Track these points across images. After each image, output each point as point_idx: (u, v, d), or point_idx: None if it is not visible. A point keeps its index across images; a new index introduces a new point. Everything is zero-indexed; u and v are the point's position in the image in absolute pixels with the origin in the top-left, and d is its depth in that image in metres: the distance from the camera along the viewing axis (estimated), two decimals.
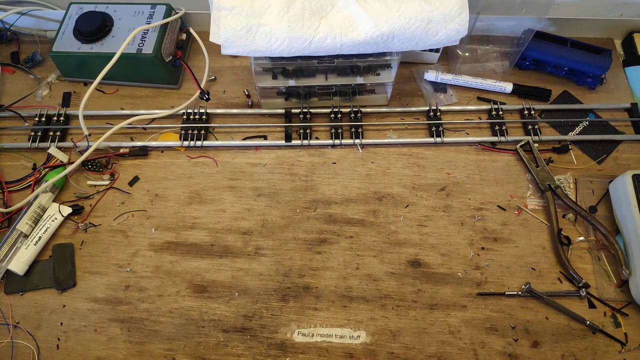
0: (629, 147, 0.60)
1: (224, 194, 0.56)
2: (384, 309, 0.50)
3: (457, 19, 0.49)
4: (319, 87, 0.59)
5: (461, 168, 0.58)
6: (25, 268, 0.51)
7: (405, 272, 0.52)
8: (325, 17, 0.49)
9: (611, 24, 0.67)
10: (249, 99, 0.63)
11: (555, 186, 0.55)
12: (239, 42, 0.49)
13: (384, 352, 0.48)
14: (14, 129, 0.61)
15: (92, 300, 0.50)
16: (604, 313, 0.50)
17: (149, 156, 0.59)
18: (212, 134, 0.61)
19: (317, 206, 0.56)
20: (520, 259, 0.53)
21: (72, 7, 0.62)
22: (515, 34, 0.63)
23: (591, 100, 0.63)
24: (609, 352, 0.48)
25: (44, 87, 0.64)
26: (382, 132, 0.61)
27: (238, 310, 0.50)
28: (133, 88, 0.64)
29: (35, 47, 0.66)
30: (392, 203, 0.56)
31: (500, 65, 0.66)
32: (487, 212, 0.55)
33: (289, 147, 0.60)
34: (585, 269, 0.52)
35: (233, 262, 0.52)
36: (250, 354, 0.48)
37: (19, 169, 0.58)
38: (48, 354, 0.48)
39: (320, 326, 0.49)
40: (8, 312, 0.50)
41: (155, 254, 0.53)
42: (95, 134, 0.58)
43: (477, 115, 0.62)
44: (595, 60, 0.62)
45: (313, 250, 0.53)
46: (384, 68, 0.58)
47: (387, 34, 0.49)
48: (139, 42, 0.58)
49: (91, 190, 0.56)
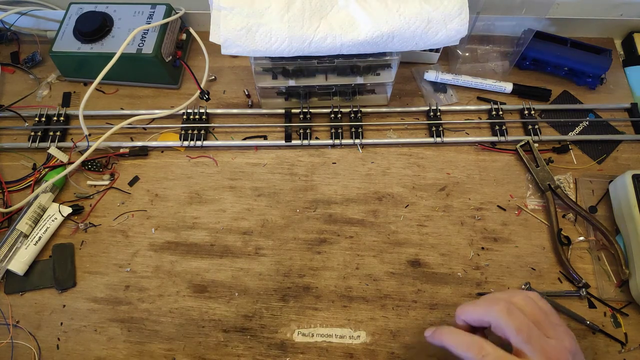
0: (629, 147, 0.60)
1: (224, 194, 0.56)
2: (384, 309, 0.50)
3: (457, 19, 0.49)
4: (319, 87, 0.59)
5: (461, 168, 0.58)
6: (25, 268, 0.51)
7: (405, 272, 0.52)
8: (325, 17, 0.49)
9: (611, 24, 0.67)
10: (249, 99, 0.63)
11: (555, 186, 0.55)
12: (239, 42, 0.49)
13: (384, 352, 0.48)
14: (14, 129, 0.61)
15: (92, 300, 0.50)
16: (604, 313, 0.50)
17: (149, 156, 0.59)
18: (212, 134, 0.61)
19: (317, 206, 0.56)
20: (520, 259, 0.53)
21: (72, 7, 0.62)
22: (515, 34, 0.63)
23: (591, 100, 0.63)
24: (609, 352, 0.48)
25: (44, 87, 0.64)
26: (382, 132, 0.61)
27: (238, 310, 0.50)
28: (133, 88, 0.64)
29: (35, 47, 0.66)
30: (392, 203, 0.56)
31: (500, 65, 0.66)
32: (487, 212, 0.55)
33: (289, 147, 0.60)
34: (585, 269, 0.52)
35: (233, 262, 0.52)
36: (250, 354, 0.48)
37: (19, 169, 0.58)
38: (48, 354, 0.48)
39: (320, 326, 0.49)
40: (8, 312, 0.50)
41: (155, 254, 0.53)
42: (95, 134, 0.58)
43: (477, 115, 0.63)
44: (595, 60, 0.62)
45: (313, 250, 0.53)
46: (384, 68, 0.58)
47: (387, 34, 0.49)
48: (139, 42, 0.58)
49: (91, 190, 0.56)
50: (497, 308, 0.38)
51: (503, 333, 0.37)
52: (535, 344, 0.36)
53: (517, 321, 0.37)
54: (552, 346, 0.37)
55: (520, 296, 0.39)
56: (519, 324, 0.37)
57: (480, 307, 0.40)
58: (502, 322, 0.37)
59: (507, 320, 0.37)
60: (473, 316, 0.40)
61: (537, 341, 0.36)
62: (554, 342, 0.37)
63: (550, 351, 0.36)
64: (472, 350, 0.37)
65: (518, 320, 0.37)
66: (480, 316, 0.39)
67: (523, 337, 0.36)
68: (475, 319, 0.40)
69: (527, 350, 0.36)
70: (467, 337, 0.38)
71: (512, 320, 0.37)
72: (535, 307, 0.39)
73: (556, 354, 0.36)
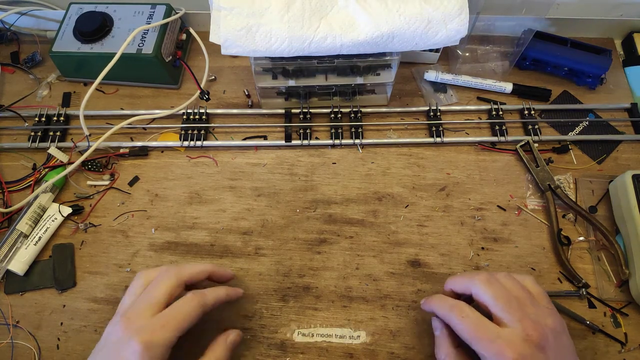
0: (629, 147, 0.60)
1: (224, 194, 0.56)
2: (384, 309, 0.50)
3: (457, 19, 0.49)
4: (319, 87, 0.59)
5: (461, 168, 0.58)
6: (25, 268, 0.51)
7: (405, 272, 0.52)
8: (325, 17, 0.49)
9: (611, 24, 0.67)
10: (249, 99, 0.63)
11: (555, 186, 0.55)
12: (239, 42, 0.49)
13: (384, 352, 0.48)
14: (14, 129, 0.61)
15: (92, 300, 0.50)
16: (604, 313, 0.50)
17: (149, 156, 0.59)
18: (212, 134, 0.61)
19: (317, 206, 0.56)
20: (520, 259, 0.53)
21: (72, 7, 0.62)
22: (515, 34, 0.63)
23: (591, 100, 0.63)
24: (609, 352, 0.48)
25: (44, 87, 0.64)
26: (382, 132, 0.61)
27: (238, 310, 0.50)
28: (133, 88, 0.64)
29: (35, 47, 0.66)
30: (392, 203, 0.56)
31: (500, 65, 0.66)
32: (487, 212, 0.55)
33: (289, 147, 0.60)
34: (585, 269, 0.52)
35: (233, 262, 0.52)
36: (250, 354, 0.48)
37: (19, 169, 0.58)
38: (48, 354, 0.48)
39: (320, 326, 0.49)
40: (8, 312, 0.50)
41: (155, 254, 0.53)
42: (95, 134, 0.58)
43: (477, 115, 0.63)
44: (595, 60, 0.62)
45: (313, 250, 0.53)
46: (384, 68, 0.58)
47: (387, 34, 0.49)
48: (139, 42, 0.58)
49: (91, 190, 0.57)
50: (478, 277, 0.41)
51: (483, 301, 0.40)
52: (513, 313, 0.38)
53: (495, 290, 0.39)
54: (530, 318, 0.38)
55: (503, 274, 0.42)
56: (497, 293, 0.39)
57: (465, 276, 0.43)
58: (481, 289, 0.40)
59: (486, 288, 0.40)
60: (458, 284, 0.43)
61: (516, 311, 0.38)
62: (533, 316, 0.38)
63: (527, 323, 0.37)
64: (454, 312, 0.40)
65: (496, 289, 0.40)
66: (464, 284, 0.42)
67: (501, 305, 0.38)
68: (459, 287, 0.43)
69: (505, 318, 0.38)
70: (450, 301, 0.42)
71: (490, 288, 0.40)
72: (517, 284, 0.41)
73: (533, 326, 0.37)
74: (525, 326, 0.37)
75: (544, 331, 0.37)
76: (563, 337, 0.39)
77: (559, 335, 0.39)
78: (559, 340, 0.38)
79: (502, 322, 0.38)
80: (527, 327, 0.37)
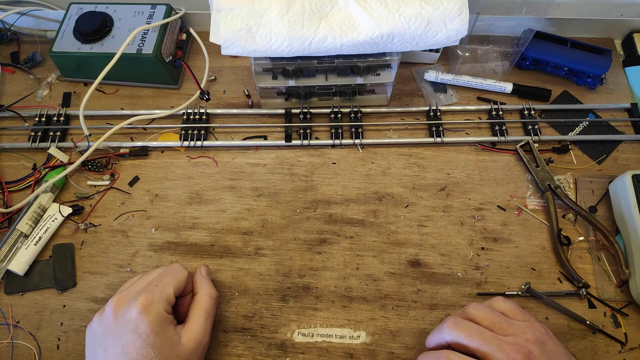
0: (629, 147, 0.60)
1: (224, 194, 0.56)
2: (384, 309, 0.50)
3: (457, 19, 0.49)
4: (319, 87, 0.59)
5: (461, 168, 0.58)
6: (25, 268, 0.51)
7: (405, 272, 0.52)
8: (325, 17, 0.49)
9: (611, 24, 0.67)
10: (249, 99, 0.63)
11: (555, 186, 0.55)
12: (239, 42, 0.49)
13: (384, 352, 0.48)
14: (14, 129, 0.61)
15: (92, 301, 0.50)
16: (604, 313, 0.50)
17: (149, 156, 0.59)
18: (212, 134, 0.61)
19: (317, 206, 0.56)
20: (520, 259, 0.53)
21: (72, 7, 0.62)
22: (515, 34, 0.63)
23: (591, 100, 0.63)
24: (609, 352, 0.48)
25: (44, 87, 0.64)
26: (382, 132, 0.61)
27: (238, 310, 0.50)
28: (133, 88, 0.64)
29: (35, 47, 0.66)
30: (392, 203, 0.56)
31: (500, 65, 0.66)
32: (487, 212, 0.55)
33: (289, 147, 0.60)
34: (585, 269, 0.52)
35: (233, 262, 0.52)
36: (250, 354, 0.48)
37: (19, 169, 0.58)
38: (48, 354, 0.48)
39: (320, 326, 0.49)
40: (8, 312, 0.50)
41: (155, 254, 0.53)
42: (96, 134, 0.58)
43: (477, 115, 0.63)
44: (595, 60, 0.62)
45: (313, 251, 0.53)
46: (384, 68, 0.58)
47: (387, 34, 0.49)
48: (139, 42, 0.58)
49: (91, 190, 0.57)
50: (446, 325, 0.41)
51: (460, 344, 0.40)
52: (490, 344, 0.38)
53: (465, 330, 0.39)
54: (508, 342, 0.38)
55: (471, 307, 0.42)
56: (467, 332, 0.39)
57: (434, 331, 0.42)
58: (452, 334, 0.40)
59: (457, 332, 0.40)
60: (433, 341, 0.42)
61: (491, 341, 0.38)
62: (511, 338, 0.39)
63: (507, 348, 0.38)
64: None
65: (465, 328, 0.40)
66: (436, 338, 0.42)
67: (476, 341, 0.39)
68: (435, 342, 0.42)
69: (487, 351, 0.38)
70: (433, 354, 0.40)
71: (460, 330, 0.40)
72: (488, 312, 0.41)
73: (515, 348, 0.38)
74: (507, 352, 0.37)
75: (527, 348, 0.38)
76: (548, 344, 0.40)
77: (543, 344, 0.39)
78: (544, 348, 0.39)
79: (486, 356, 0.38)
80: (509, 352, 0.37)
